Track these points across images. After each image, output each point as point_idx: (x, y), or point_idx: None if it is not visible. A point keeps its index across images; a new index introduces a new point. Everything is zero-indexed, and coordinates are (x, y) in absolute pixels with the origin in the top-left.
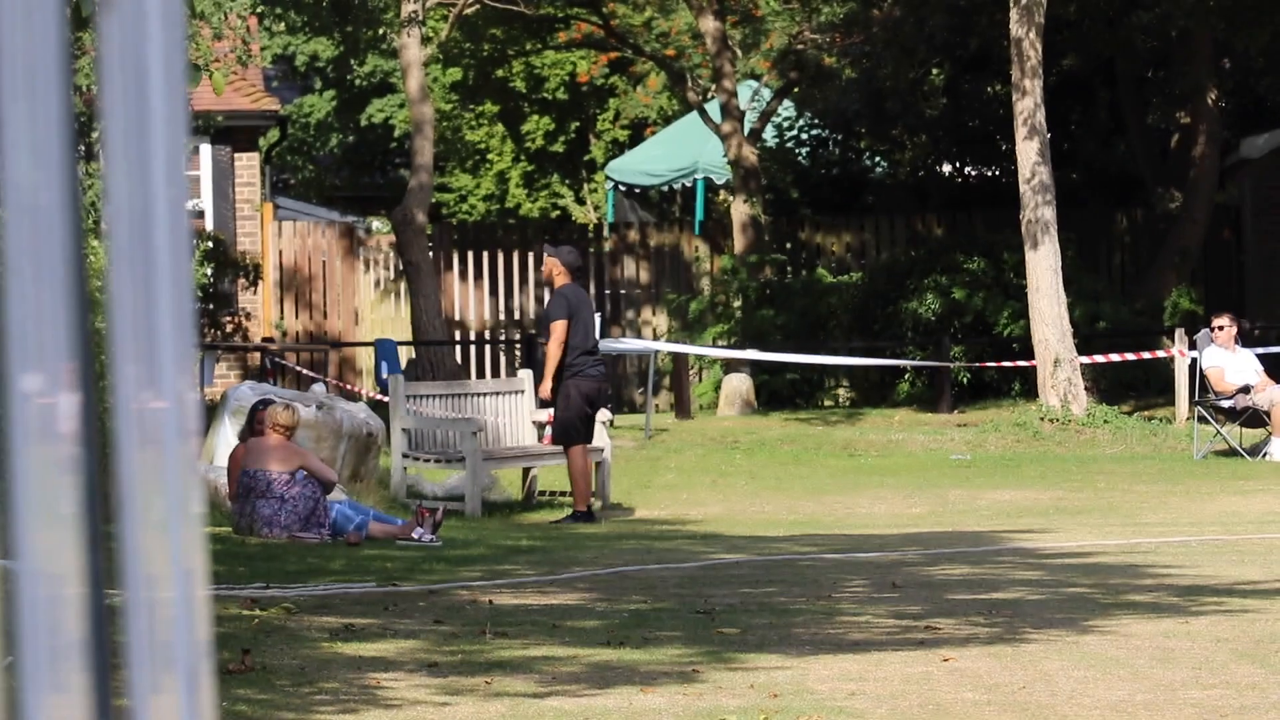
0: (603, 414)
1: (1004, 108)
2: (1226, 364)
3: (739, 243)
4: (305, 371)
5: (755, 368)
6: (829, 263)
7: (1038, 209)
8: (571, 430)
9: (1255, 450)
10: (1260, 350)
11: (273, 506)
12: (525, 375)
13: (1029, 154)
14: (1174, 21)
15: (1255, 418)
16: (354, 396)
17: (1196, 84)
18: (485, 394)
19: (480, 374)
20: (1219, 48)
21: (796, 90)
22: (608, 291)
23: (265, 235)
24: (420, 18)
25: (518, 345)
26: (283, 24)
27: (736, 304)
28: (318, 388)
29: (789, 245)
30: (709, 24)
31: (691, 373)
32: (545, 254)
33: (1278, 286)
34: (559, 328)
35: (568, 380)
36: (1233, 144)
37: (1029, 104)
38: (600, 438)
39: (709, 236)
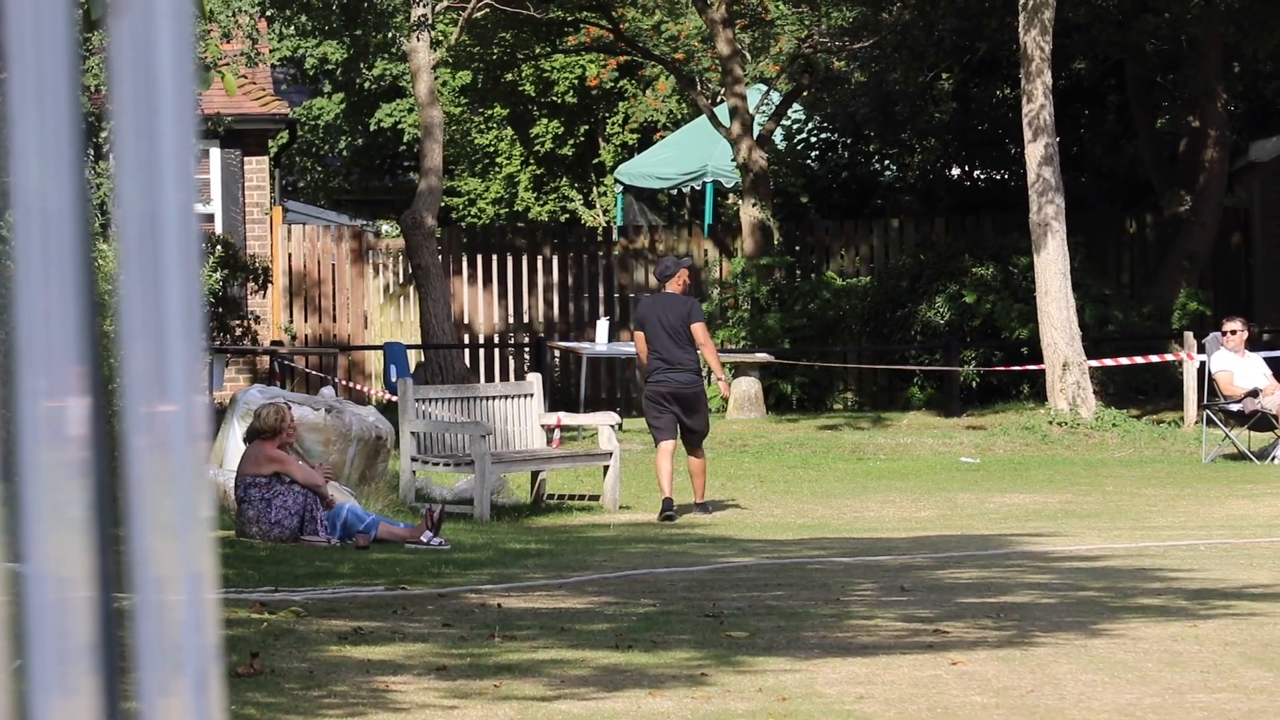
0: (611, 418)
1: (1013, 112)
2: (1235, 368)
3: (748, 246)
4: (315, 373)
5: (764, 371)
6: (838, 266)
7: (1044, 213)
8: (653, 433)
9: (1263, 454)
10: (1268, 354)
11: (257, 509)
12: (534, 379)
13: (1036, 157)
14: (1183, 25)
15: (1263, 421)
16: (363, 400)
17: (1205, 88)
18: (494, 397)
19: (489, 377)
20: (1228, 52)
21: (806, 94)
22: (616, 295)
23: (274, 239)
24: (429, 21)
25: (526, 349)
26: (292, 27)
27: (745, 307)
28: (326, 390)
29: (798, 249)
30: (725, 38)
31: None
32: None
33: None
34: (636, 339)
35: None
36: (1241, 148)
37: (1036, 108)
38: (609, 442)
39: (718, 240)
